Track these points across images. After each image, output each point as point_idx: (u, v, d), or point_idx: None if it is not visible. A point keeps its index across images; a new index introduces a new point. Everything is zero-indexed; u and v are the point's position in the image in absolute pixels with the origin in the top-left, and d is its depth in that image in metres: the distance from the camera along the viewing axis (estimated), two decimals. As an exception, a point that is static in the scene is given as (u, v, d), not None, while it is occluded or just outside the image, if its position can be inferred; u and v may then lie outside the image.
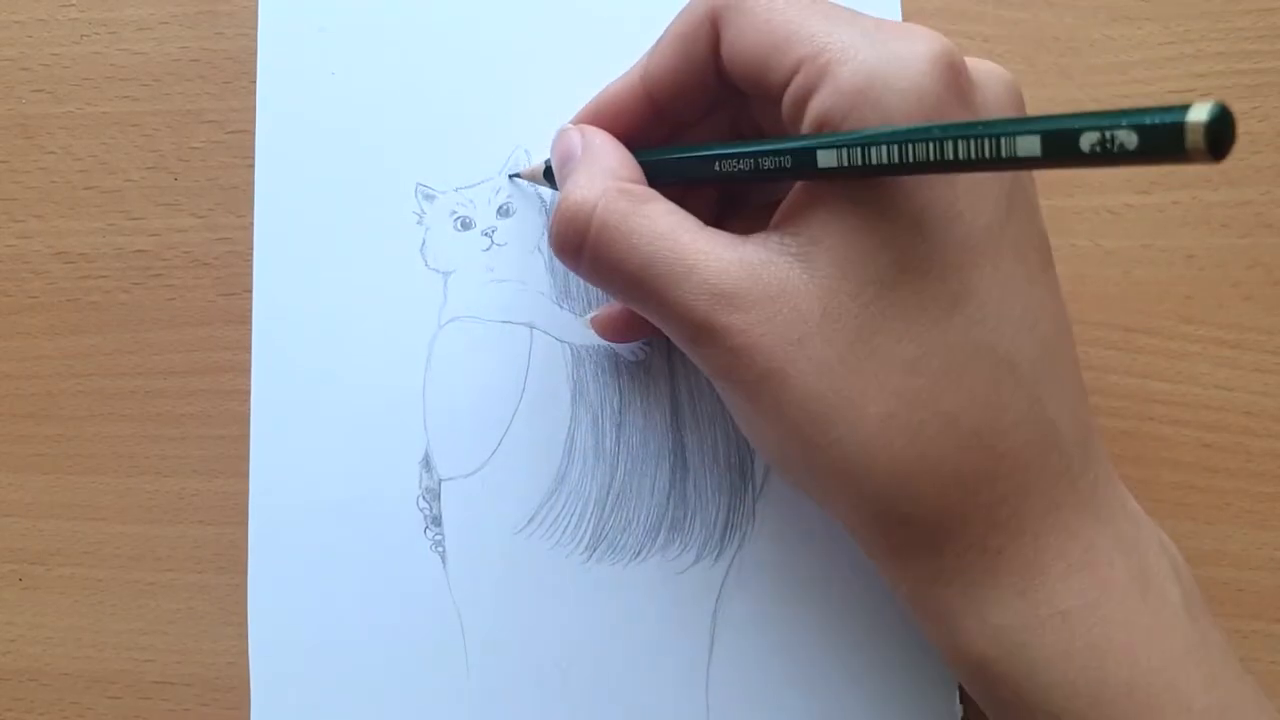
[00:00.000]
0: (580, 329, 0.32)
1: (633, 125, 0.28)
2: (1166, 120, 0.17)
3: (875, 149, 0.21)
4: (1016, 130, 0.19)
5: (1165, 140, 0.17)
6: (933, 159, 0.21)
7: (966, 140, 0.20)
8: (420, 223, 0.33)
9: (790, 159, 0.23)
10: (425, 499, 0.32)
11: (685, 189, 0.28)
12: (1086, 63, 0.32)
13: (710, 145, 0.26)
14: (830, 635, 0.31)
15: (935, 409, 0.23)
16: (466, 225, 0.32)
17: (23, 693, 0.33)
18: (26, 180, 0.35)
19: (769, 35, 0.24)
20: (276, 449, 0.32)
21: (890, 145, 0.21)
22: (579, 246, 0.26)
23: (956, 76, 0.23)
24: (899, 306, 0.23)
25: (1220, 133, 0.16)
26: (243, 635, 0.32)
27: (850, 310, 0.23)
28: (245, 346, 0.33)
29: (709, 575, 0.31)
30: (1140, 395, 0.32)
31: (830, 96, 0.23)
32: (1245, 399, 0.31)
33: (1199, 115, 0.16)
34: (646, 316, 0.26)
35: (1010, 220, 0.24)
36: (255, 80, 0.33)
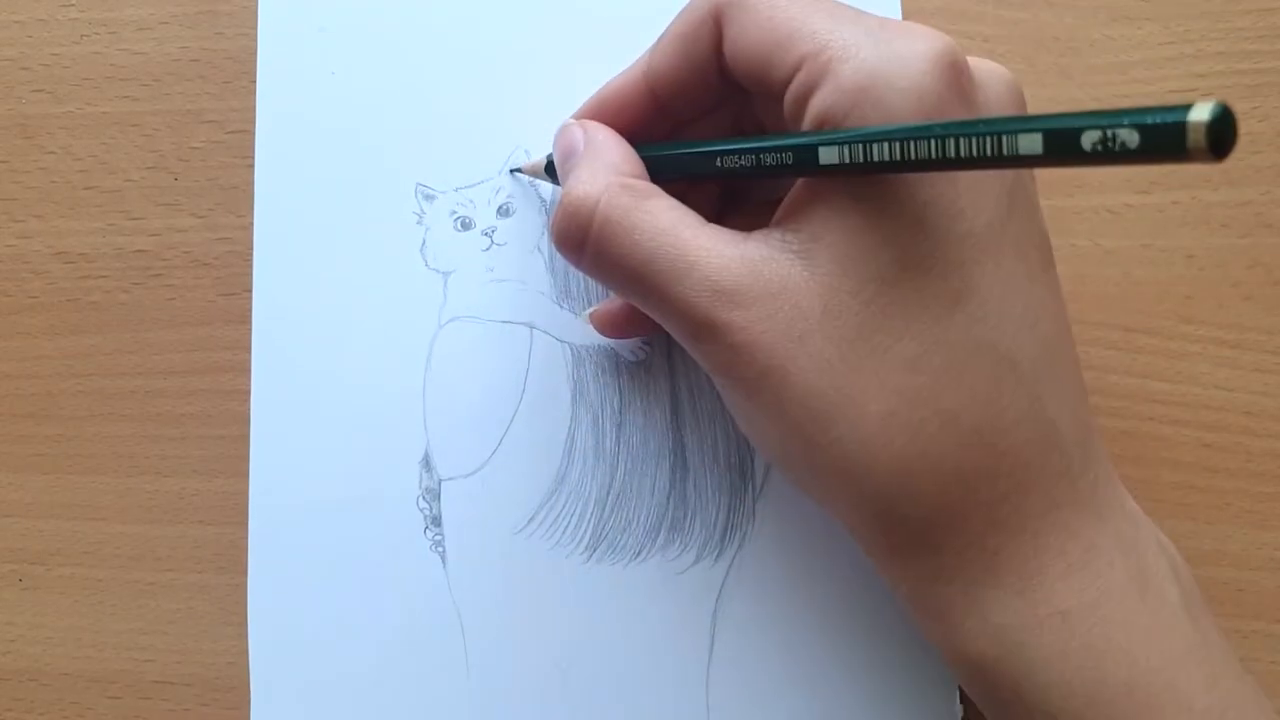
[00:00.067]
0: (580, 329, 0.32)
1: (635, 121, 0.28)
2: (1168, 120, 0.17)
3: (877, 146, 0.21)
4: (1018, 128, 0.19)
5: (1167, 140, 0.17)
6: (934, 157, 0.21)
7: (968, 138, 0.20)
8: (420, 223, 0.33)
9: (792, 155, 0.23)
10: (425, 499, 0.32)
11: (687, 185, 0.28)
12: (1086, 63, 0.33)
13: (712, 141, 0.26)
14: (830, 635, 0.31)
15: (936, 407, 0.23)
16: (466, 225, 0.32)
17: (23, 693, 0.33)
18: (26, 180, 0.35)
19: (771, 32, 0.24)
20: (276, 449, 0.32)
21: (892, 142, 0.21)
22: (581, 241, 0.26)
23: (958, 75, 0.23)
24: (900, 304, 0.23)
25: (1222, 132, 0.16)
26: (243, 635, 0.32)
27: (851, 307, 0.23)
28: (245, 346, 0.32)
29: (709, 575, 0.31)
30: (1140, 395, 0.32)
31: (832, 94, 0.23)
32: (1245, 399, 0.31)
33: (1201, 115, 0.16)
34: (648, 312, 0.26)
35: (1011, 218, 0.24)
36: (255, 80, 0.33)
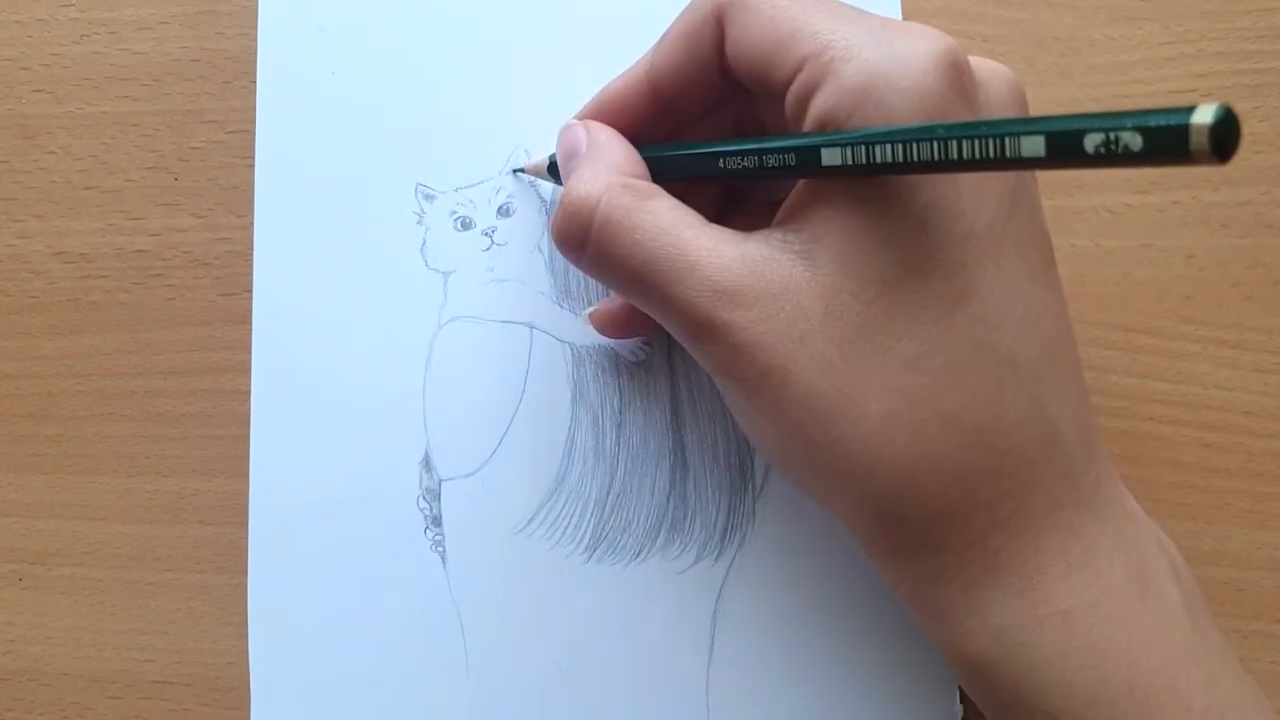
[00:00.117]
0: (580, 329, 0.32)
1: (637, 121, 0.28)
2: (1171, 122, 0.17)
3: (880, 148, 0.21)
4: (1021, 131, 0.19)
5: (1170, 142, 0.17)
6: (937, 158, 0.20)
7: (971, 140, 0.20)
8: (420, 223, 0.32)
9: (794, 157, 0.23)
10: (425, 499, 0.32)
11: (688, 185, 0.28)
12: (1086, 63, 0.33)
13: (714, 142, 0.26)
14: (830, 635, 0.31)
15: (937, 407, 0.23)
16: (466, 225, 0.32)
17: (23, 693, 0.33)
18: (26, 180, 0.35)
19: (773, 32, 0.24)
20: (276, 449, 0.32)
21: (895, 144, 0.21)
22: (582, 241, 0.26)
23: (960, 76, 0.23)
24: (901, 305, 0.23)
25: (1225, 135, 0.16)
26: (243, 635, 0.32)
27: (852, 308, 0.23)
28: (245, 346, 0.32)
29: (709, 575, 0.31)
30: (1140, 395, 0.32)
31: (833, 95, 0.23)
32: (1245, 399, 0.31)
33: (1204, 117, 0.16)
34: (648, 312, 0.26)
35: (1013, 219, 0.24)
36: (255, 80, 0.33)
